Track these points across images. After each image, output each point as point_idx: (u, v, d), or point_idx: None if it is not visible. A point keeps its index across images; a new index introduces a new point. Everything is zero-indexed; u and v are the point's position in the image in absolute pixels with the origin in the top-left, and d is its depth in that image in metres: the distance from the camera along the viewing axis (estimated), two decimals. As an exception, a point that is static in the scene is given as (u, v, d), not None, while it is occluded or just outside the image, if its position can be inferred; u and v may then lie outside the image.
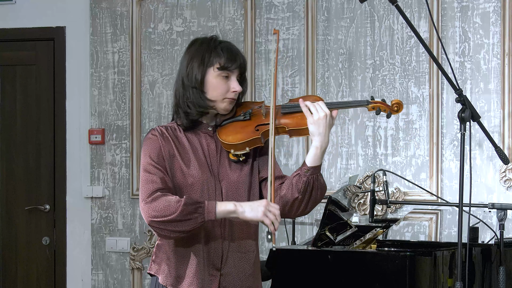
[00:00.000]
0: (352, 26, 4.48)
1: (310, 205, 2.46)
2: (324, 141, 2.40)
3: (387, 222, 4.06)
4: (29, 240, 4.98)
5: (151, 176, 2.39)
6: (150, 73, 4.78)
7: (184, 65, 2.49)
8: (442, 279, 3.09)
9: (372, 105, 2.48)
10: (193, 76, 2.45)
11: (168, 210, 2.32)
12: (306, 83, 4.52)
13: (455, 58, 4.32)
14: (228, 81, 2.45)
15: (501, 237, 3.07)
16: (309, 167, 2.41)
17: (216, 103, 2.46)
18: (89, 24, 4.88)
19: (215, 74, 2.44)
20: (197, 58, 2.45)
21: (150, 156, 2.43)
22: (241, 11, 4.64)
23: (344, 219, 3.68)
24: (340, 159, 4.49)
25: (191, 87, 2.45)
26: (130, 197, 4.80)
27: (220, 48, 2.45)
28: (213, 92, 2.45)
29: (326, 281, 3.12)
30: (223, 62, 2.43)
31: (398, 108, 2.49)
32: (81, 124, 4.89)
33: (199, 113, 2.46)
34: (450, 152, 4.33)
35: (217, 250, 2.45)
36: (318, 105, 2.41)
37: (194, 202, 2.34)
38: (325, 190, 2.47)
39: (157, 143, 2.45)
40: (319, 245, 3.29)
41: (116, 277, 4.86)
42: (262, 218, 2.33)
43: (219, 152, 2.49)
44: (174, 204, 2.32)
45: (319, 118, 2.38)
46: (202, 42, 2.49)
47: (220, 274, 2.45)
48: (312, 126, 2.39)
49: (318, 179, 2.42)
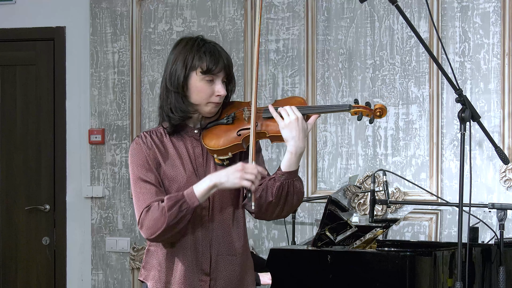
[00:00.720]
0: (352, 26, 4.48)
1: (286, 210, 2.43)
2: (299, 146, 2.35)
3: (387, 222, 4.06)
4: (29, 240, 4.98)
5: (140, 195, 2.41)
6: (150, 73, 4.78)
7: (168, 67, 2.45)
8: (442, 279, 3.09)
9: (354, 110, 2.43)
10: (175, 80, 2.41)
11: (159, 223, 2.33)
12: (306, 83, 4.52)
13: (455, 58, 4.32)
14: (213, 84, 2.41)
15: (501, 237, 3.07)
16: (283, 172, 2.37)
17: (200, 107, 2.43)
18: (89, 24, 4.88)
19: (198, 78, 2.40)
20: (180, 60, 2.42)
21: (135, 171, 2.43)
22: (241, 11, 4.64)
23: (344, 219, 3.68)
24: (340, 159, 4.49)
25: (173, 91, 2.42)
26: (130, 197, 4.80)
27: (203, 51, 2.41)
28: (197, 96, 2.42)
29: (326, 281, 3.12)
30: (206, 65, 2.39)
31: (380, 113, 2.43)
32: (81, 124, 4.89)
33: (181, 118, 2.44)
34: (450, 152, 4.33)
35: (205, 254, 2.44)
36: (289, 109, 2.36)
37: (175, 202, 2.33)
38: (302, 196, 2.43)
39: (141, 154, 2.43)
40: (319, 245, 3.29)
41: (116, 277, 4.86)
42: (241, 183, 2.31)
43: (205, 155, 2.47)
44: (160, 214, 2.33)
45: (290, 121, 2.34)
46: (187, 43, 2.45)
47: (210, 279, 2.44)
48: (284, 130, 2.35)
49: (293, 184, 2.38)
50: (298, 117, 2.35)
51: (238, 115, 2.46)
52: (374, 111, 2.43)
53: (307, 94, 4.50)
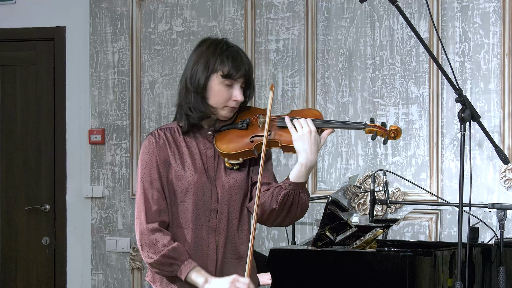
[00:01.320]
0: (352, 26, 4.48)
1: (288, 219, 2.44)
2: (310, 158, 2.35)
3: (387, 222, 4.06)
4: (29, 240, 4.98)
5: (142, 197, 2.47)
6: (150, 73, 4.78)
7: (190, 66, 2.45)
8: (442, 279, 3.08)
9: (369, 129, 2.42)
10: (196, 80, 2.42)
11: (151, 254, 2.42)
12: (306, 83, 4.52)
13: (455, 58, 4.32)
14: (231, 89, 2.42)
15: (501, 237, 3.07)
16: (291, 182, 2.37)
17: (217, 110, 2.43)
18: (89, 24, 4.88)
19: (218, 81, 2.41)
20: (202, 62, 2.42)
21: (144, 171, 2.44)
22: (241, 11, 4.64)
23: (344, 219, 3.68)
24: (340, 159, 4.49)
25: (193, 92, 2.42)
26: (130, 197, 4.80)
27: (226, 55, 2.41)
28: (214, 99, 2.42)
29: (326, 281, 3.12)
30: (227, 70, 2.39)
31: (395, 135, 2.43)
32: (81, 124, 4.89)
33: (199, 117, 2.44)
34: (450, 152, 4.33)
35: (211, 257, 2.44)
36: (303, 121, 2.37)
37: (174, 258, 2.38)
38: (306, 208, 2.43)
39: (152, 154, 2.44)
40: (319, 245, 3.29)
41: (116, 277, 4.86)
42: None
43: (217, 158, 2.47)
44: (153, 251, 2.42)
45: (303, 134, 2.34)
46: (210, 45, 2.45)
47: None
48: (297, 142, 2.35)
49: (299, 195, 2.38)
50: (311, 130, 2.35)
51: (253, 121, 2.46)
52: (389, 132, 2.43)
53: (307, 94, 4.50)
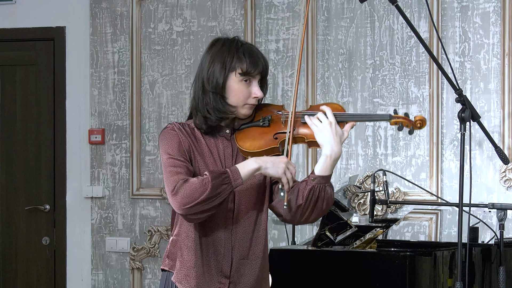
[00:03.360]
0: (352, 26, 4.48)
1: (314, 215, 2.41)
2: (334, 150, 2.34)
3: (387, 222, 4.06)
4: (29, 240, 4.98)
5: (173, 169, 2.35)
6: (150, 73, 4.78)
7: (205, 68, 2.42)
8: (442, 279, 3.09)
9: (394, 120, 2.39)
10: (214, 81, 2.39)
11: (197, 192, 2.27)
12: (306, 83, 4.52)
13: (455, 58, 4.32)
14: (250, 86, 2.40)
15: (501, 237, 3.07)
16: (316, 175, 2.36)
17: (237, 109, 2.41)
18: (89, 24, 4.88)
19: (237, 79, 2.39)
20: (218, 61, 2.40)
21: (168, 151, 2.38)
22: (241, 11, 4.64)
23: (344, 219, 3.69)
24: (340, 159, 4.48)
25: (211, 92, 2.39)
26: (130, 197, 4.80)
27: (242, 52, 2.40)
28: (234, 98, 2.40)
29: (326, 281, 3.12)
30: (246, 67, 2.38)
31: (421, 125, 2.40)
32: (81, 124, 4.89)
33: (218, 118, 2.41)
34: (450, 152, 4.33)
35: (227, 257, 2.43)
36: (321, 115, 2.36)
37: (219, 175, 2.29)
38: (331, 202, 2.41)
39: (176, 137, 2.40)
40: (319, 245, 3.30)
41: (116, 277, 4.86)
42: (281, 176, 2.31)
43: (235, 156, 2.46)
44: (200, 184, 2.28)
45: (324, 126, 2.34)
46: (224, 44, 2.44)
47: (229, 282, 2.44)
48: (318, 136, 2.35)
49: (325, 189, 2.37)
50: (331, 122, 2.35)
51: (274, 118, 2.44)
52: (415, 122, 2.41)
53: (307, 94, 4.50)
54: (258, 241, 2.48)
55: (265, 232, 2.51)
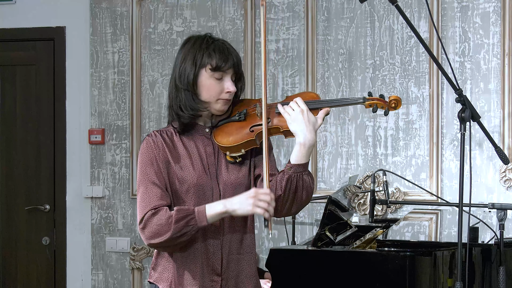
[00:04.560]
0: (352, 26, 4.48)
1: (295, 206, 2.41)
2: (307, 137, 2.34)
3: (387, 222, 4.06)
4: (29, 240, 4.98)
5: (145, 195, 2.37)
6: (150, 73, 4.78)
7: (177, 65, 2.45)
8: (442, 279, 3.09)
9: (369, 102, 2.41)
10: (185, 78, 2.41)
11: (162, 231, 2.32)
12: (306, 83, 4.52)
13: (455, 58, 4.32)
14: (222, 81, 2.41)
15: (501, 237, 3.07)
16: (292, 164, 2.36)
17: (210, 105, 2.42)
18: (89, 24, 4.88)
19: (207, 75, 2.40)
20: (189, 58, 2.41)
21: (144, 170, 2.40)
22: (241, 11, 4.65)
23: (344, 219, 3.68)
24: (340, 159, 4.49)
25: (183, 89, 2.41)
26: (130, 197, 4.80)
27: (212, 49, 2.40)
28: (207, 94, 2.41)
29: (326, 281, 3.12)
30: (215, 63, 2.39)
31: (396, 105, 2.42)
32: (81, 124, 4.89)
33: (191, 116, 2.42)
34: (450, 152, 4.33)
35: (216, 254, 2.43)
36: (293, 103, 2.38)
37: (184, 216, 2.32)
38: (311, 191, 2.41)
39: (151, 153, 2.41)
40: (319, 245, 3.29)
41: (116, 277, 4.86)
42: (253, 211, 2.31)
43: (217, 153, 2.46)
44: (166, 223, 2.31)
45: (296, 115, 2.35)
46: (195, 41, 2.44)
47: (222, 279, 2.43)
48: (291, 124, 2.36)
49: (302, 178, 2.36)
50: (303, 110, 2.35)
51: (250, 112, 2.46)
52: (389, 103, 2.42)
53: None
54: (246, 236, 2.49)
55: (252, 227, 2.52)
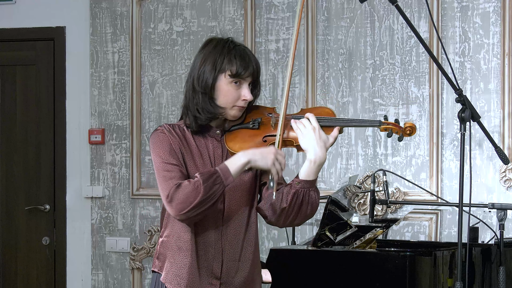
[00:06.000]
0: (352, 26, 4.48)
1: (299, 219, 2.42)
2: (318, 155, 2.35)
3: (387, 222, 4.06)
4: (29, 240, 4.98)
5: (166, 174, 2.36)
6: (150, 73, 4.78)
7: (196, 67, 2.43)
8: (442, 279, 3.09)
9: (384, 126, 2.40)
10: (204, 81, 2.40)
11: (191, 197, 2.29)
12: (306, 83, 4.52)
13: (455, 58, 4.32)
14: (239, 88, 2.40)
15: (501, 237, 3.07)
16: (301, 179, 2.37)
17: (226, 110, 2.42)
18: (89, 24, 4.88)
19: (226, 81, 2.39)
20: (209, 62, 2.40)
21: (160, 154, 2.39)
22: (241, 11, 4.65)
23: (344, 219, 3.68)
24: (340, 159, 4.49)
25: (201, 92, 2.40)
26: (130, 197, 4.80)
27: (233, 54, 2.40)
28: (223, 99, 2.40)
29: (326, 281, 3.12)
30: (235, 69, 2.38)
31: (410, 132, 2.40)
32: (81, 124, 4.89)
33: (208, 118, 2.42)
34: (450, 152, 4.33)
35: (217, 258, 2.43)
36: (305, 120, 2.38)
37: (209, 176, 2.30)
38: (316, 206, 2.41)
39: (167, 139, 2.41)
40: (319, 245, 3.29)
41: (116, 277, 4.86)
42: (271, 167, 2.33)
43: (225, 157, 2.45)
44: (193, 188, 2.29)
45: (307, 132, 2.35)
46: (217, 45, 2.44)
47: (220, 283, 2.44)
48: (302, 141, 2.37)
49: (309, 194, 2.37)
50: (315, 127, 2.36)
51: (264, 121, 2.45)
52: (404, 129, 2.41)
53: (307, 94, 4.50)
54: (248, 243, 2.48)
55: (255, 234, 2.51)
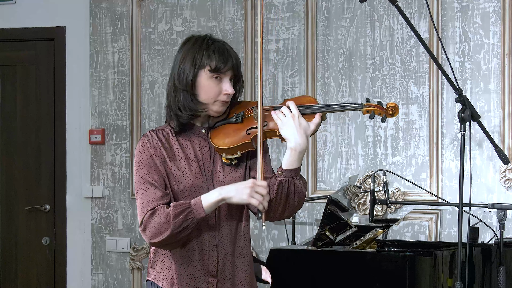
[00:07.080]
0: (352, 26, 4.48)
1: (288, 211, 2.41)
2: (298, 142, 2.35)
3: (387, 222, 4.06)
4: (29, 240, 4.98)
5: (144, 197, 2.38)
6: (150, 73, 4.78)
7: (177, 65, 2.44)
8: (442, 279, 3.09)
9: (366, 108, 2.41)
10: (184, 78, 2.40)
11: (162, 229, 2.32)
12: (306, 83, 4.52)
13: (455, 58, 4.32)
14: (221, 83, 2.40)
15: (501, 237, 3.07)
16: (284, 169, 2.37)
17: (208, 106, 2.42)
18: (89, 24, 4.88)
19: (206, 76, 2.39)
20: (188, 59, 2.41)
21: (140, 170, 2.42)
22: (241, 11, 4.65)
23: (344, 219, 3.68)
24: (340, 159, 4.49)
25: (181, 90, 2.41)
26: (130, 197, 4.80)
27: (212, 50, 2.40)
28: (205, 95, 2.40)
29: (326, 281, 3.12)
30: (214, 64, 2.38)
31: (393, 112, 2.40)
32: (81, 124, 4.89)
33: (189, 116, 2.42)
34: (450, 152, 4.33)
35: (212, 256, 2.43)
36: (285, 108, 2.38)
37: (181, 210, 2.32)
38: (303, 196, 2.41)
39: (147, 153, 2.42)
40: (319, 245, 3.29)
41: (116, 277, 4.86)
42: (248, 201, 2.32)
43: (213, 155, 2.46)
44: (165, 222, 2.31)
45: (287, 120, 2.35)
46: (195, 42, 2.44)
47: (217, 281, 2.43)
48: (282, 130, 2.36)
49: (294, 182, 2.37)
50: (294, 115, 2.35)
51: (247, 114, 2.46)
52: (387, 110, 2.41)
53: (307, 94, 4.49)
54: (242, 237, 2.48)
55: (248, 229, 2.51)
